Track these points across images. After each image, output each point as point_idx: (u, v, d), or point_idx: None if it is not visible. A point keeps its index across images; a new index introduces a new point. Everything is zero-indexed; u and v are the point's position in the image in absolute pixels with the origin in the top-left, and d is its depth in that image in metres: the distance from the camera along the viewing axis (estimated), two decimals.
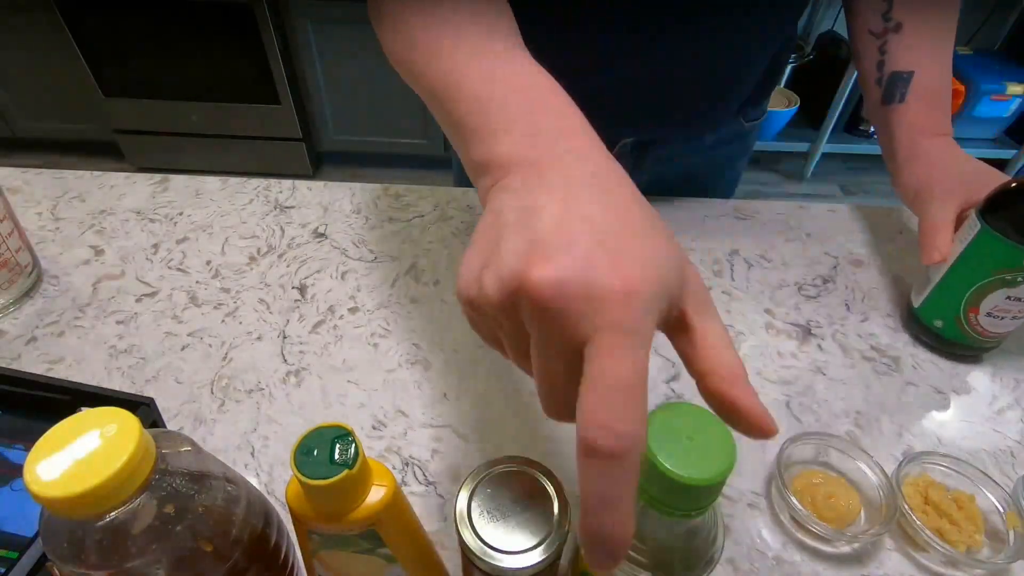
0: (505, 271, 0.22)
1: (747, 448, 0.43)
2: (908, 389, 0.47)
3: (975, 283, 0.44)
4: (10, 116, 2.16)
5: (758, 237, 0.61)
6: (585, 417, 0.19)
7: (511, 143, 0.27)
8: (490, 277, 0.23)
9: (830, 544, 0.37)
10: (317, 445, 0.23)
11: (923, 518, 0.37)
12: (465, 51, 0.32)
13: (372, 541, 0.26)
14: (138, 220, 0.61)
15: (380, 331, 0.50)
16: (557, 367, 0.22)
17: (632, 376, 0.20)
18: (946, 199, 0.47)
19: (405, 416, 0.44)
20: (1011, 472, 0.42)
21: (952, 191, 0.47)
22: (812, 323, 0.52)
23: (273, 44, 1.87)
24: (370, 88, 2.04)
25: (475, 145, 0.29)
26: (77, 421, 0.20)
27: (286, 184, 0.67)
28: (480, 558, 0.25)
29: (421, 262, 0.57)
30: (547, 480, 0.28)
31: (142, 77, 1.98)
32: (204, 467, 0.24)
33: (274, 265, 0.57)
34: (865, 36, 0.51)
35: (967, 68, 2.11)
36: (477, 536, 0.26)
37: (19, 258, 0.51)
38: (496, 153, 0.27)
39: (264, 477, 0.40)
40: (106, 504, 0.19)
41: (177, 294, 0.53)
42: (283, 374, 0.47)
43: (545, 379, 0.23)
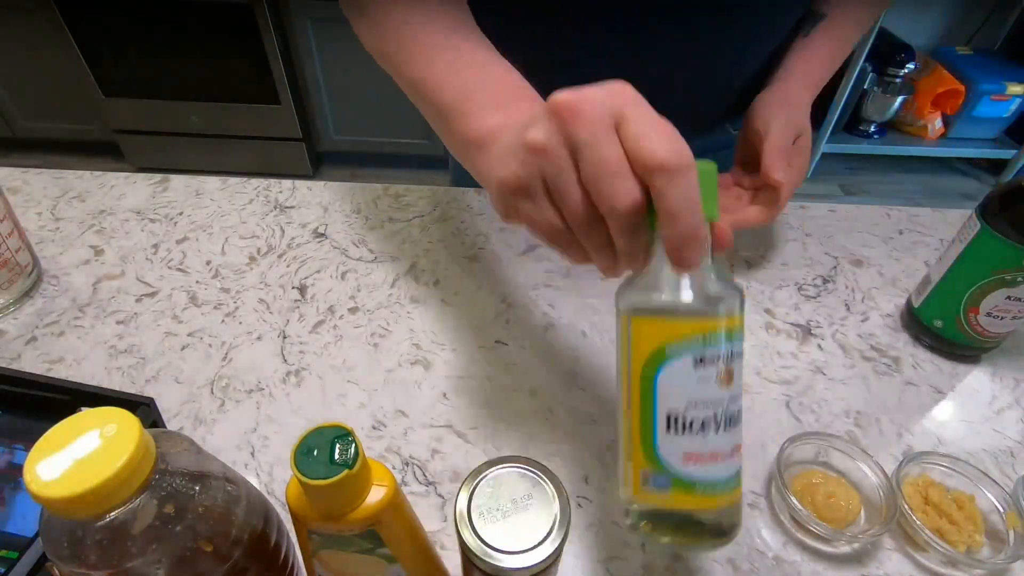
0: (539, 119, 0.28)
1: (747, 448, 0.43)
2: (908, 389, 0.47)
3: (975, 283, 0.44)
4: (10, 116, 2.16)
5: (758, 237, 0.61)
6: (656, 153, 0.25)
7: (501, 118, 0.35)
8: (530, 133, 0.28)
9: (830, 544, 0.37)
10: (317, 445, 0.23)
11: (923, 518, 0.37)
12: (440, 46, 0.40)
13: (372, 541, 0.26)
14: (138, 220, 0.61)
15: (380, 331, 0.50)
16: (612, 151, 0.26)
17: (666, 123, 0.26)
18: (789, 131, 0.51)
19: (405, 416, 0.44)
20: (1011, 472, 0.42)
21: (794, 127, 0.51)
22: (812, 323, 0.52)
23: (273, 44, 1.87)
24: (370, 88, 2.04)
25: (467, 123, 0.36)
26: (77, 421, 0.20)
27: (286, 184, 0.67)
28: (480, 558, 0.25)
29: (421, 262, 0.57)
30: (547, 480, 0.28)
31: (142, 77, 1.98)
32: (204, 467, 0.24)
33: (274, 265, 0.57)
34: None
35: (967, 68, 2.11)
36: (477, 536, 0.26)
37: (19, 258, 0.51)
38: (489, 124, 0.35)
39: (264, 477, 0.40)
40: (106, 504, 0.19)
41: (177, 294, 0.53)
42: (283, 374, 0.47)
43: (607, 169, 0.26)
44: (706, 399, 0.27)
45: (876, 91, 2.11)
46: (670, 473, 0.27)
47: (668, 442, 0.27)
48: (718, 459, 0.27)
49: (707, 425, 0.27)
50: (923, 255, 0.60)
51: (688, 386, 0.27)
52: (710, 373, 0.27)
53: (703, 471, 0.27)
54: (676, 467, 0.27)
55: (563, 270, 0.56)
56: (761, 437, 0.43)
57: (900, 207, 0.65)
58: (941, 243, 0.61)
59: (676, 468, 0.27)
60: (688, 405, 0.27)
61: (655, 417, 0.27)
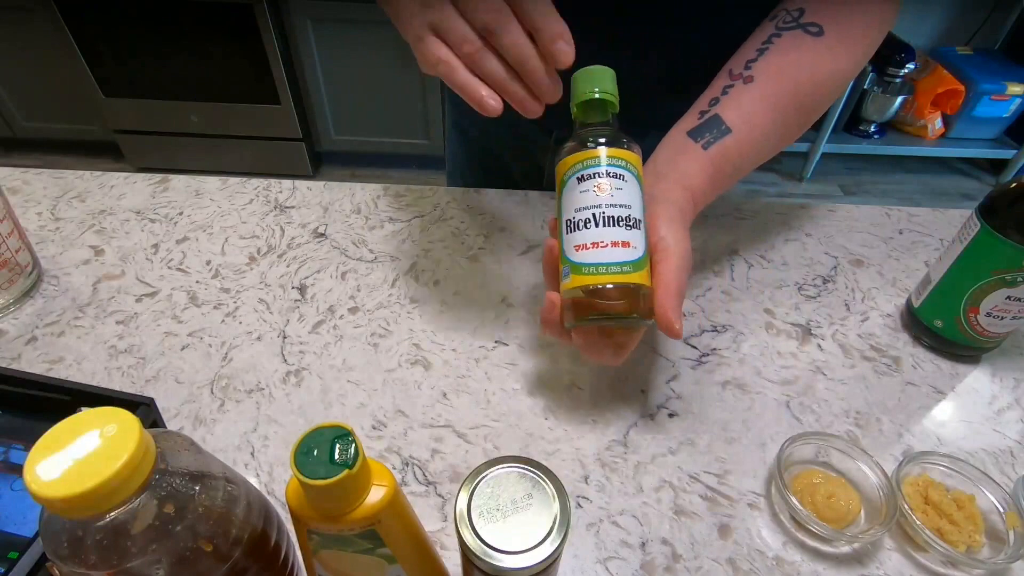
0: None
1: (747, 448, 0.43)
2: (908, 389, 0.47)
3: (975, 283, 0.44)
4: (10, 116, 2.16)
5: (758, 237, 0.61)
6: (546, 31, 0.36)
7: None
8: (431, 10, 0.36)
9: (830, 544, 0.37)
10: (317, 445, 0.23)
11: (923, 518, 0.37)
12: None
13: (372, 541, 0.26)
14: (138, 220, 0.61)
15: (380, 331, 0.50)
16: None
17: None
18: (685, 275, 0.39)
19: (405, 416, 0.44)
20: (1011, 472, 0.42)
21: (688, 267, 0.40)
22: (812, 323, 0.52)
23: (273, 44, 1.87)
24: (370, 88, 2.04)
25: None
26: (77, 421, 0.20)
27: (286, 184, 0.67)
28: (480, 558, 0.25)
29: (421, 262, 0.57)
30: (547, 480, 0.28)
31: (142, 77, 1.98)
32: (204, 467, 0.24)
33: (274, 265, 0.57)
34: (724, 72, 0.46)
35: (967, 68, 2.11)
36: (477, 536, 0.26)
37: (19, 258, 0.51)
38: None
39: (264, 477, 0.40)
40: (106, 504, 0.19)
41: (177, 294, 0.53)
42: (283, 374, 0.47)
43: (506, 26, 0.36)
44: (585, 204, 0.37)
45: (876, 91, 2.11)
46: (569, 262, 0.37)
47: (567, 241, 0.37)
48: (599, 247, 0.36)
49: (588, 223, 0.36)
50: (923, 255, 0.60)
51: (574, 197, 0.37)
52: (588, 185, 0.37)
53: (588, 255, 0.36)
54: (571, 257, 0.37)
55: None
56: (761, 437, 0.43)
57: (900, 207, 0.66)
58: (941, 243, 0.61)
59: (572, 257, 0.37)
60: (576, 211, 0.37)
61: (561, 226, 0.38)
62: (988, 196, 0.44)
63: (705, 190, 0.43)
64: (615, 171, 0.37)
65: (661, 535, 0.38)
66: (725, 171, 0.44)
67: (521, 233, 0.61)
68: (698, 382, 0.47)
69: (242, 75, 1.96)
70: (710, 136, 0.43)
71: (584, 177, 0.37)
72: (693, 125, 0.44)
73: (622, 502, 0.39)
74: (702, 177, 0.43)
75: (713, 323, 0.52)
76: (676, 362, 0.48)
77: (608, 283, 0.36)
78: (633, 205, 0.37)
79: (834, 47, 0.45)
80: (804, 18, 0.45)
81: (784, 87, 0.45)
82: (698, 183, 0.43)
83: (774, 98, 0.44)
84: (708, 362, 0.49)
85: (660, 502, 0.39)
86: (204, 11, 1.81)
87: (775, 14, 0.47)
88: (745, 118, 0.44)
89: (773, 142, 0.46)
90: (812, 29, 0.45)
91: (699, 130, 0.44)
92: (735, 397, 0.46)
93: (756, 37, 0.47)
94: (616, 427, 0.44)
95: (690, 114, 0.45)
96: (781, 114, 0.45)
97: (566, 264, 0.37)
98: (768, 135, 0.45)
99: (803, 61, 0.45)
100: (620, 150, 0.38)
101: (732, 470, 0.41)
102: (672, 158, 0.44)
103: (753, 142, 0.44)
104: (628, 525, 0.38)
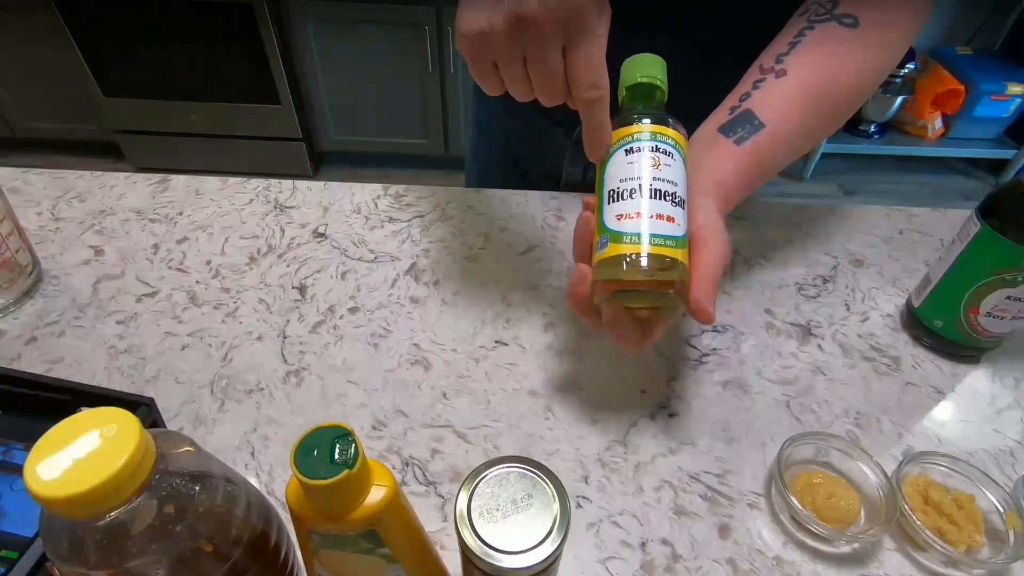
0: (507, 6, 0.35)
1: (747, 448, 0.43)
2: (908, 389, 0.47)
3: (975, 283, 0.44)
4: (10, 116, 2.16)
5: (758, 237, 0.61)
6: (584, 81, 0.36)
7: None
8: (496, 15, 0.35)
9: (830, 544, 0.37)
10: (317, 445, 0.23)
11: (923, 518, 0.37)
12: None
13: (372, 541, 0.26)
14: (138, 220, 0.61)
15: (380, 331, 0.50)
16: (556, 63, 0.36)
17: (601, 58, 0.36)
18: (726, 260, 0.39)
19: (405, 416, 0.44)
20: (1011, 472, 0.42)
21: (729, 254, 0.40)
22: (812, 323, 0.52)
23: (273, 44, 1.87)
24: (370, 88, 2.04)
25: None
26: (77, 421, 0.20)
27: (286, 184, 0.67)
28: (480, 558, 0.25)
29: (421, 262, 0.57)
30: (547, 480, 0.28)
31: (142, 77, 1.98)
32: (204, 467, 0.24)
33: (274, 265, 0.57)
34: (754, 67, 0.45)
35: (967, 68, 2.11)
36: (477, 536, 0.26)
37: (19, 258, 0.51)
38: None
39: (264, 477, 0.40)
40: (106, 504, 0.19)
41: (177, 294, 0.53)
42: (283, 374, 0.47)
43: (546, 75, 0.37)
44: (631, 175, 0.36)
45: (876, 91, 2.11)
46: (609, 231, 0.36)
47: (608, 211, 0.36)
48: (640, 217, 0.35)
49: (633, 192, 0.36)
50: (923, 255, 0.60)
51: (620, 168, 0.37)
52: (636, 158, 0.37)
53: (631, 224, 0.35)
54: (611, 226, 0.36)
55: (563, 270, 0.56)
56: (761, 437, 0.43)
57: (900, 207, 0.65)
58: (941, 243, 0.61)
59: (611, 226, 0.36)
60: (620, 180, 0.37)
61: (603, 197, 0.37)
62: (988, 196, 0.44)
63: (739, 186, 0.42)
64: (664, 147, 0.37)
65: (661, 535, 0.38)
66: (758, 167, 0.43)
67: (521, 233, 0.61)
68: (698, 382, 0.47)
69: (242, 75, 1.96)
70: (743, 132, 0.42)
71: (632, 150, 0.37)
72: (724, 120, 0.43)
73: (622, 502, 0.39)
74: (735, 173, 0.42)
75: (713, 323, 0.52)
76: (676, 362, 0.48)
77: (650, 253, 0.34)
78: (679, 184, 0.37)
79: (869, 39, 0.44)
80: (838, 9, 0.44)
81: (817, 81, 0.43)
82: (731, 180, 0.42)
83: (807, 92, 0.43)
84: (708, 362, 0.49)
85: (660, 502, 0.39)
86: (204, 11, 1.81)
87: (806, 8, 0.46)
88: (778, 113, 0.42)
89: (806, 138, 0.45)
90: (847, 20, 0.43)
91: (731, 125, 0.42)
92: (735, 397, 0.46)
93: (787, 31, 0.45)
94: (616, 427, 0.44)
95: (720, 110, 0.44)
96: (815, 108, 0.44)
97: (604, 234, 0.36)
98: (802, 130, 0.44)
99: (837, 53, 0.44)
100: (669, 128, 0.38)
101: (732, 470, 0.41)
102: (704, 154, 0.42)
103: (786, 137, 0.43)
104: (628, 525, 0.38)
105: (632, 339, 0.38)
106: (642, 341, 0.39)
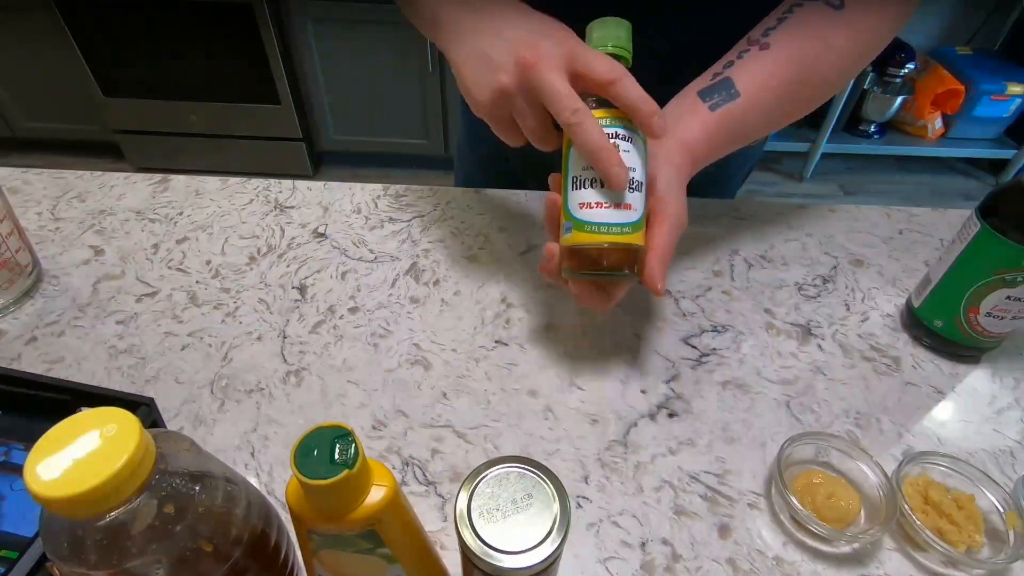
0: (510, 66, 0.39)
1: (747, 448, 0.43)
2: (908, 389, 0.47)
3: (975, 283, 0.44)
4: (10, 116, 2.16)
5: (758, 237, 0.61)
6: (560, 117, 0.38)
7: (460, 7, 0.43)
8: (503, 74, 0.39)
9: (830, 544, 0.37)
10: (317, 445, 0.23)
11: (923, 518, 0.37)
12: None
13: (372, 541, 0.26)
14: (138, 220, 0.61)
15: (380, 331, 0.50)
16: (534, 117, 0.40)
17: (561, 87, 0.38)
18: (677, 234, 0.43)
19: (405, 416, 0.44)
20: (1011, 472, 0.42)
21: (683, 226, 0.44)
22: (812, 323, 0.52)
23: (273, 44, 1.87)
24: (370, 88, 2.04)
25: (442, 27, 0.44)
26: (77, 421, 0.20)
27: (286, 184, 0.67)
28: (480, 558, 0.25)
29: (421, 262, 0.57)
30: (547, 480, 0.28)
31: (142, 77, 1.98)
32: (204, 467, 0.24)
33: (274, 265, 0.57)
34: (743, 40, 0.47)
35: (967, 68, 2.11)
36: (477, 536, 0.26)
37: (19, 258, 0.51)
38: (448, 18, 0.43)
39: (264, 477, 0.40)
40: (106, 504, 0.19)
41: (177, 294, 0.53)
42: (283, 374, 0.47)
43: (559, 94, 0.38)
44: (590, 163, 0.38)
45: (876, 91, 2.11)
46: (573, 218, 0.39)
47: (572, 198, 0.39)
48: (603, 207, 0.38)
49: (595, 182, 0.38)
50: (923, 255, 0.60)
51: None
52: None
53: (592, 214, 0.38)
54: (575, 213, 0.39)
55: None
56: (761, 437, 0.43)
57: (900, 207, 0.65)
58: (941, 243, 0.61)
59: (575, 214, 0.39)
60: (583, 168, 0.39)
61: (567, 181, 0.40)
62: (988, 196, 0.44)
63: (705, 152, 0.45)
64: (622, 132, 0.39)
65: (661, 535, 0.38)
66: (727, 135, 0.45)
67: (521, 233, 0.61)
68: (698, 382, 0.47)
69: (242, 75, 1.96)
70: (719, 98, 0.44)
71: None
72: (705, 85, 0.45)
73: (622, 502, 0.39)
74: (704, 138, 0.44)
75: (713, 323, 0.52)
76: (676, 362, 0.48)
77: (607, 243, 0.38)
78: (637, 167, 0.39)
79: (854, 22, 0.45)
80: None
81: (799, 56, 0.45)
82: (700, 145, 0.44)
83: (787, 66, 0.45)
84: (708, 362, 0.49)
85: (660, 502, 0.39)
86: (204, 11, 1.81)
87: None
88: (756, 84, 0.44)
89: (782, 111, 0.47)
90: (834, 2, 0.45)
91: (709, 91, 0.45)
92: (735, 397, 0.46)
93: (780, 7, 0.47)
94: (616, 427, 0.44)
95: (705, 74, 0.46)
96: (794, 83, 0.45)
97: (569, 220, 0.39)
98: (779, 103, 0.46)
99: (821, 33, 0.45)
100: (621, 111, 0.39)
101: (732, 470, 0.41)
102: (679, 115, 0.45)
103: (761, 108, 0.45)
104: (628, 525, 0.38)
105: (597, 303, 0.43)
106: (606, 303, 0.44)
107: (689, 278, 0.56)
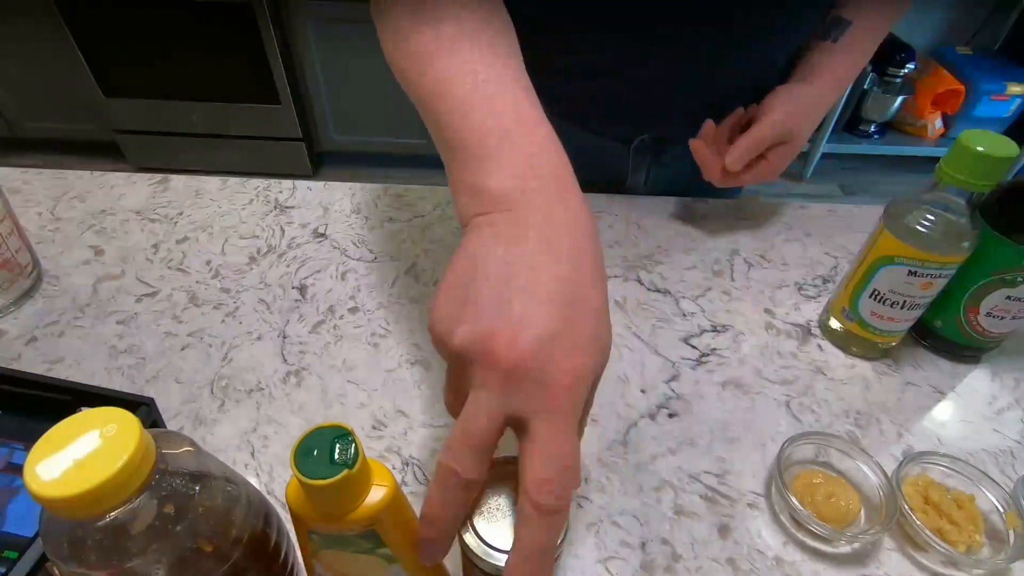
0: (478, 332, 0.25)
1: (747, 448, 0.43)
2: (908, 389, 0.47)
3: (975, 283, 0.44)
4: (10, 116, 2.16)
5: (758, 237, 0.61)
6: (539, 485, 0.24)
7: (501, 179, 0.29)
8: (464, 331, 0.26)
9: (830, 544, 0.37)
10: (317, 445, 0.23)
11: (923, 518, 0.37)
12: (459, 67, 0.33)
13: (372, 541, 0.26)
14: (138, 220, 0.61)
15: (380, 331, 0.50)
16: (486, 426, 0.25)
17: (574, 454, 0.25)
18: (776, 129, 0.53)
19: (405, 416, 0.44)
20: (1011, 472, 0.42)
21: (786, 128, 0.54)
22: (812, 323, 0.52)
23: (273, 44, 1.87)
24: (370, 88, 2.03)
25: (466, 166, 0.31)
26: (77, 421, 0.20)
27: (286, 184, 0.67)
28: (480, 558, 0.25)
29: (421, 262, 0.57)
30: None
31: (142, 77, 1.98)
32: (204, 467, 0.24)
33: (274, 265, 0.57)
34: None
35: (967, 68, 2.11)
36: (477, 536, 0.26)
37: (19, 258, 0.51)
38: (487, 186, 0.29)
39: (264, 477, 0.40)
40: (106, 504, 0.19)
41: (177, 294, 0.53)
42: (283, 374, 0.47)
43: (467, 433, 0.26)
44: (904, 292, 0.44)
45: (876, 91, 2.11)
46: (859, 315, 0.47)
47: (866, 303, 0.46)
48: (887, 320, 0.46)
49: (895, 304, 0.45)
50: None
51: (898, 282, 0.44)
52: (915, 280, 0.43)
53: (879, 322, 0.46)
54: (863, 314, 0.47)
55: None
56: (761, 437, 0.43)
57: None
58: None
59: (863, 314, 0.47)
60: (890, 290, 0.44)
61: (867, 287, 0.46)
62: (988, 196, 0.44)
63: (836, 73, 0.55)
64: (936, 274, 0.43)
65: (661, 535, 0.38)
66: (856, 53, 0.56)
67: None
68: (698, 382, 0.47)
69: (242, 75, 1.96)
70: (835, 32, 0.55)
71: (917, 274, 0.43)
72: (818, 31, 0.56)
73: (622, 502, 0.39)
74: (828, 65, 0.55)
75: (713, 323, 0.52)
76: (676, 362, 0.48)
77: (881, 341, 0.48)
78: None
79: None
80: None
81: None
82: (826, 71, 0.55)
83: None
84: (708, 362, 0.49)
85: (660, 502, 0.39)
86: (204, 11, 1.81)
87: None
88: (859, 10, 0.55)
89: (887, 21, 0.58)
90: None
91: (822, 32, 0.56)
92: (735, 397, 0.46)
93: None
94: (616, 427, 0.44)
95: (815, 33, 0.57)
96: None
97: (855, 311, 0.48)
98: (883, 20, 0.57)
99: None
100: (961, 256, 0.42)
101: (732, 470, 0.41)
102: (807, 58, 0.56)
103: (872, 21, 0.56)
104: (628, 525, 0.38)
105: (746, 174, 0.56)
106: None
107: (689, 278, 0.56)
